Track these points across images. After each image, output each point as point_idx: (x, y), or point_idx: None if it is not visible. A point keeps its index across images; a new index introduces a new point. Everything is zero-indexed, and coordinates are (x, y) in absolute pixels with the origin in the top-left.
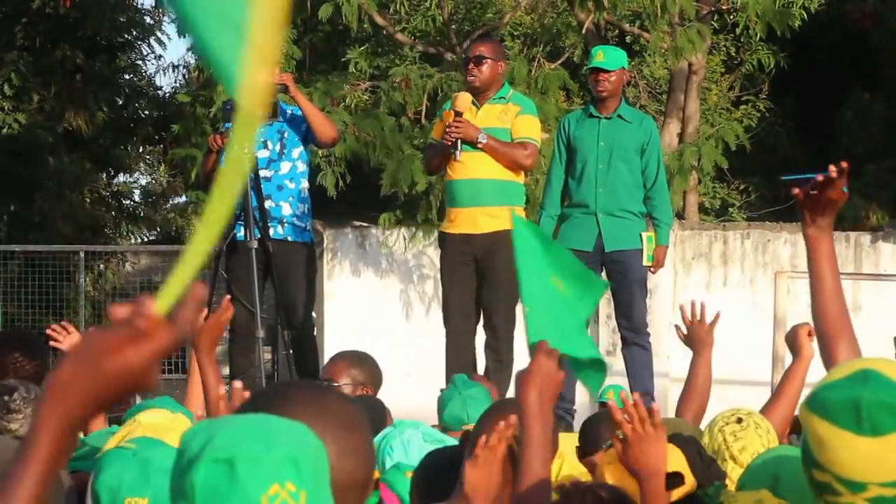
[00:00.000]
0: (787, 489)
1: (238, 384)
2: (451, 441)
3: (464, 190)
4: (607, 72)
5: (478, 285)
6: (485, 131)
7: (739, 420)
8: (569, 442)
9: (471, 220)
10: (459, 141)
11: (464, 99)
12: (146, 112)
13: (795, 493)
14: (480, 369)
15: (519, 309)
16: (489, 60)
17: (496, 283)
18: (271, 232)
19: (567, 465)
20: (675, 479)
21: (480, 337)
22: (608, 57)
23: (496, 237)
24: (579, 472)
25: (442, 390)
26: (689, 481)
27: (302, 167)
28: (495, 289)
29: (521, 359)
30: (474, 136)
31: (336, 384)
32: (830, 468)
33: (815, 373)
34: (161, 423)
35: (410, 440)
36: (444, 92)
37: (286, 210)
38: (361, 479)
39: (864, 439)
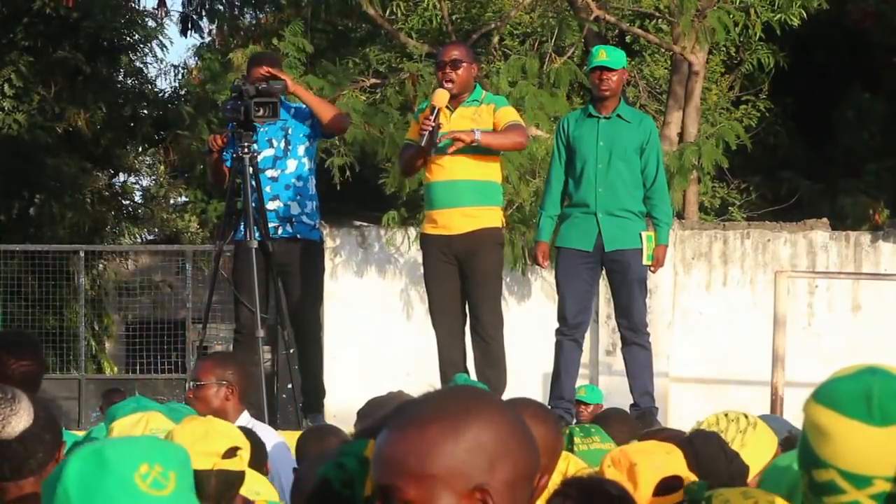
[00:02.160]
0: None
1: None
2: None
3: (441, 191)
4: (611, 70)
5: (461, 284)
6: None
7: (723, 416)
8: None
9: (450, 221)
10: (432, 133)
11: (442, 95)
12: (146, 112)
13: None
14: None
15: (504, 306)
16: (464, 64)
17: (479, 282)
18: (280, 231)
19: (573, 465)
20: (673, 483)
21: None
22: (611, 56)
23: (476, 236)
24: (584, 472)
25: None
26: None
27: (309, 164)
28: (479, 287)
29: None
30: (469, 139)
31: (201, 383)
32: (835, 463)
33: (815, 373)
34: (131, 424)
35: None
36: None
37: (294, 209)
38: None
39: (874, 429)
